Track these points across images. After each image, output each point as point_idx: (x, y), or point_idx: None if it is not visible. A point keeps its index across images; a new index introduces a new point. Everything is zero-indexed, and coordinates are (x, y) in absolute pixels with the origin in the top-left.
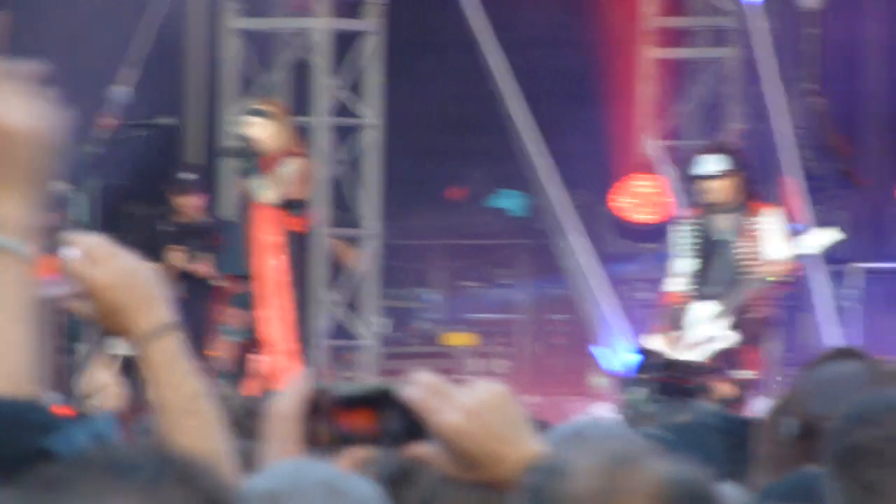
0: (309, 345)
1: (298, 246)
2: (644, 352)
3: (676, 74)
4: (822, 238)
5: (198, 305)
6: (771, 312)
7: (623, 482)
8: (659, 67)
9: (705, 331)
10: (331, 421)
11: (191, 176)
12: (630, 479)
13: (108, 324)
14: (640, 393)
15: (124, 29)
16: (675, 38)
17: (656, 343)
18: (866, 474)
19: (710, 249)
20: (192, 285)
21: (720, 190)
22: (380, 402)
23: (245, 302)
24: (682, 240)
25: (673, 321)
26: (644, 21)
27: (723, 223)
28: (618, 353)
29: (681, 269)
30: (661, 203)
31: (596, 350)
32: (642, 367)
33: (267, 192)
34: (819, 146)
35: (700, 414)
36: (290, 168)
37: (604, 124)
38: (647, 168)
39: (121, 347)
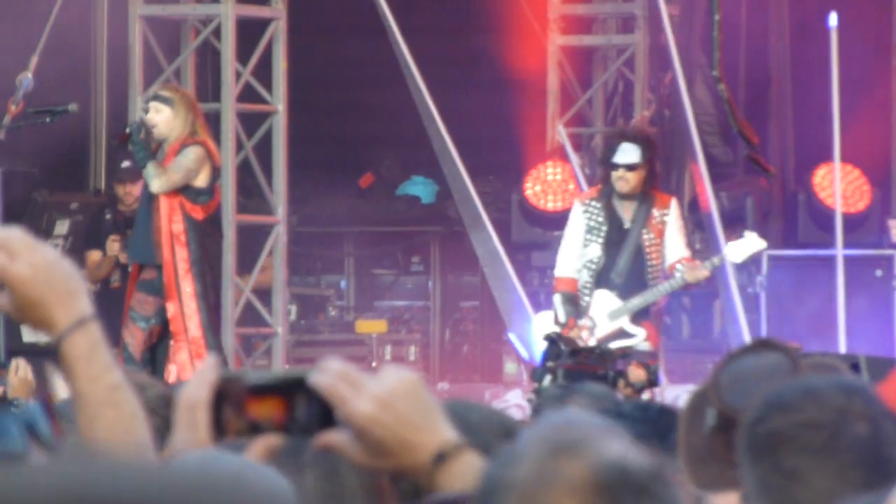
0: (219, 334)
1: (201, 233)
2: (551, 339)
3: (584, 61)
4: (745, 247)
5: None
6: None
7: (562, 467)
8: (566, 54)
9: (612, 325)
10: (240, 409)
11: (130, 163)
12: (569, 464)
13: (26, 317)
14: (549, 381)
15: (31, 16)
16: (582, 24)
17: (549, 327)
18: (786, 461)
19: (616, 237)
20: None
21: (636, 179)
22: (291, 390)
23: (153, 288)
24: (590, 222)
25: (574, 309)
26: (551, 8)
27: (627, 211)
28: (529, 341)
29: (582, 254)
30: (570, 190)
31: (512, 337)
32: (550, 355)
33: (156, 180)
34: (725, 133)
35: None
36: (189, 156)
37: (513, 111)
38: (555, 155)
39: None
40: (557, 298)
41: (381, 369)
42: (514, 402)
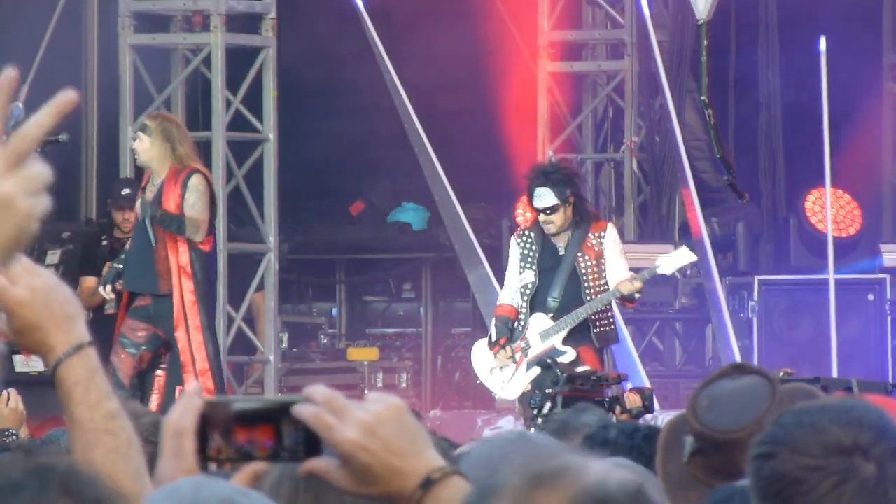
0: (218, 362)
1: (206, 264)
2: (547, 365)
3: (573, 87)
4: (675, 260)
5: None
6: (612, 327)
7: (542, 500)
8: (556, 80)
9: (544, 344)
10: (227, 436)
11: (129, 190)
12: (549, 496)
13: (23, 341)
14: (548, 408)
15: (20, 46)
16: (571, 51)
17: (484, 354)
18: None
19: (550, 262)
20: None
21: (560, 219)
22: (278, 416)
23: (146, 315)
24: (524, 251)
25: (507, 331)
26: (541, 35)
27: (561, 239)
28: (480, 363)
29: (518, 281)
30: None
31: None
32: (544, 380)
33: (196, 234)
34: (715, 158)
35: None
36: (200, 188)
37: (503, 138)
38: None
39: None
40: (493, 322)
41: (367, 396)
42: (507, 428)
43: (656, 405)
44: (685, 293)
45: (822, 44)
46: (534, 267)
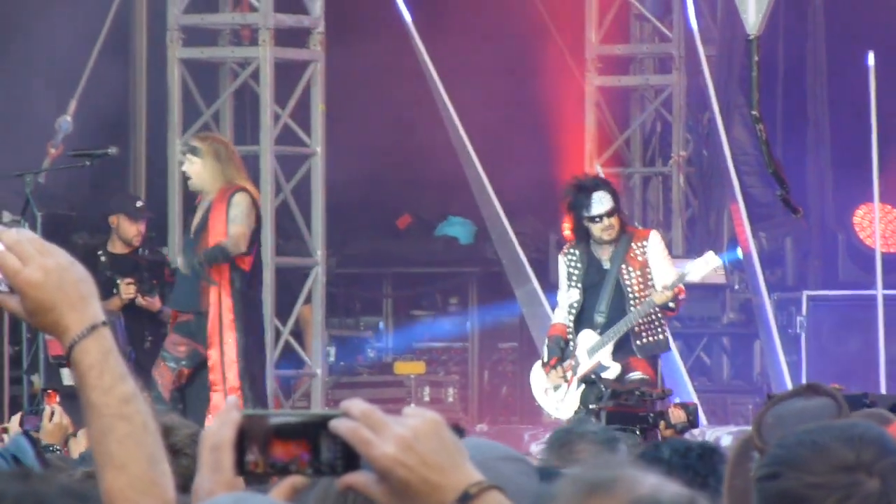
0: (261, 383)
1: (246, 283)
2: (591, 382)
3: (621, 101)
4: (702, 266)
5: (140, 334)
6: (663, 335)
7: None
8: (604, 95)
9: (591, 361)
10: (265, 450)
11: (142, 202)
12: (603, 503)
13: (37, 322)
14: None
15: (69, 59)
16: (619, 65)
17: (539, 375)
18: None
19: (596, 277)
20: (135, 314)
21: (618, 223)
22: (316, 431)
23: (188, 331)
24: (569, 268)
25: (559, 350)
26: (588, 49)
27: (604, 252)
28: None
29: (567, 299)
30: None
31: None
32: (588, 396)
33: (231, 250)
34: (764, 173)
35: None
36: (241, 206)
37: (551, 152)
38: None
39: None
40: (545, 343)
41: (404, 411)
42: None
43: (702, 420)
44: (733, 308)
45: (871, 58)
46: (579, 284)
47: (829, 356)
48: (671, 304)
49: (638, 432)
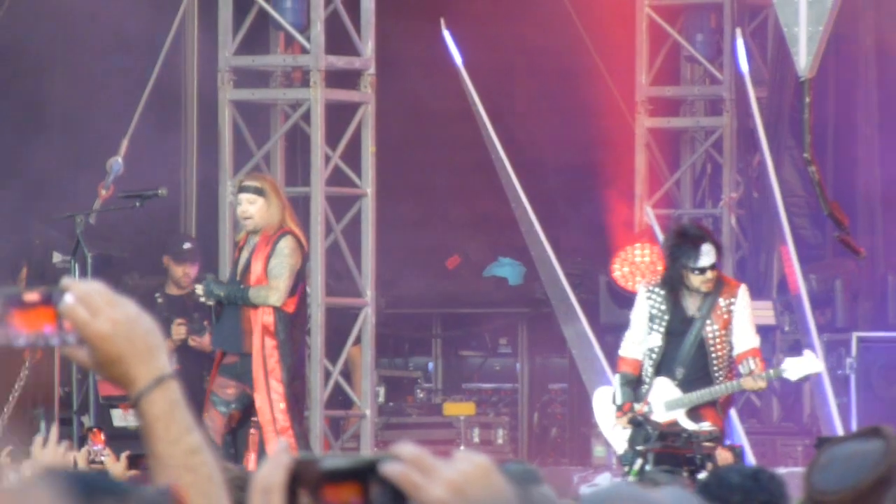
0: (302, 422)
1: (290, 324)
2: (637, 422)
3: (671, 143)
4: (802, 367)
5: (193, 376)
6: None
7: None
8: (654, 136)
9: (668, 415)
10: (316, 494)
11: (191, 245)
12: None
13: (106, 373)
14: (639, 464)
15: (120, 99)
16: (669, 107)
17: (607, 407)
18: None
19: (680, 327)
20: (187, 355)
21: (716, 276)
22: (366, 475)
23: (234, 373)
24: (653, 310)
25: (632, 392)
26: (639, 91)
27: (693, 301)
28: (601, 412)
29: (644, 341)
30: (658, 272)
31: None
32: (636, 437)
33: (272, 295)
34: (814, 215)
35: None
36: (286, 251)
37: (601, 193)
38: (644, 237)
39: (122, 420)
40: (616, 379)
41: (454, 454)
42: (604, 485)
43: (750, 461)
44: (783, 350)
45: None
46: (661, 330)
47: (878, 398)
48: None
49: (686, 474)
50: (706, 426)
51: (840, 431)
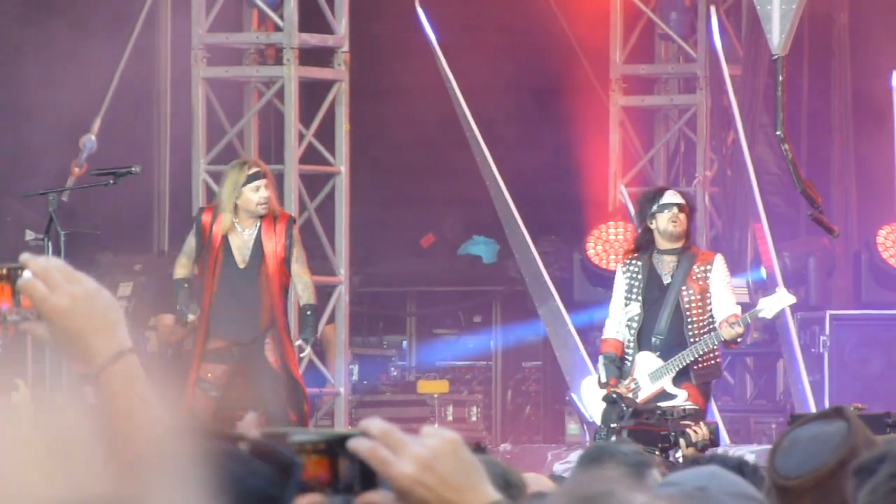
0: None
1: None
2: (612, 399)
3: (645, 121)
4: (776, 303)
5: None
6: (716, 361)
7: None
8: (628, 114)
9: (654, 386)
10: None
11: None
12: None
13: (65, 349)
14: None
15: (94, 78)
16: (643, 85)
17: (595, 389)
18: None
19: (656, 293)
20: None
21: (686, 220)
22: (335, 450)
23: (223, 357)
24: (630, 281)
25: (616, 370)
26: (613, 68)
27: (666, 267)
28: (591, 401)
29: (623, 313)
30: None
31: (574, 397)
32: (610, 415)
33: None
34: (788, 192)
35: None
36: (300, 245)
37: (575, 171)
38: (618, 215)
39: None
40: (601, 360)
41: (422, 430)
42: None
43: (724, 439)
44: (756, 328)
45: (894, 79)
46: (639, 298)
47: (851, 375)
48: (738, 339)
49: (658, 452)
50: (681, 401)
51: (813, 409)
